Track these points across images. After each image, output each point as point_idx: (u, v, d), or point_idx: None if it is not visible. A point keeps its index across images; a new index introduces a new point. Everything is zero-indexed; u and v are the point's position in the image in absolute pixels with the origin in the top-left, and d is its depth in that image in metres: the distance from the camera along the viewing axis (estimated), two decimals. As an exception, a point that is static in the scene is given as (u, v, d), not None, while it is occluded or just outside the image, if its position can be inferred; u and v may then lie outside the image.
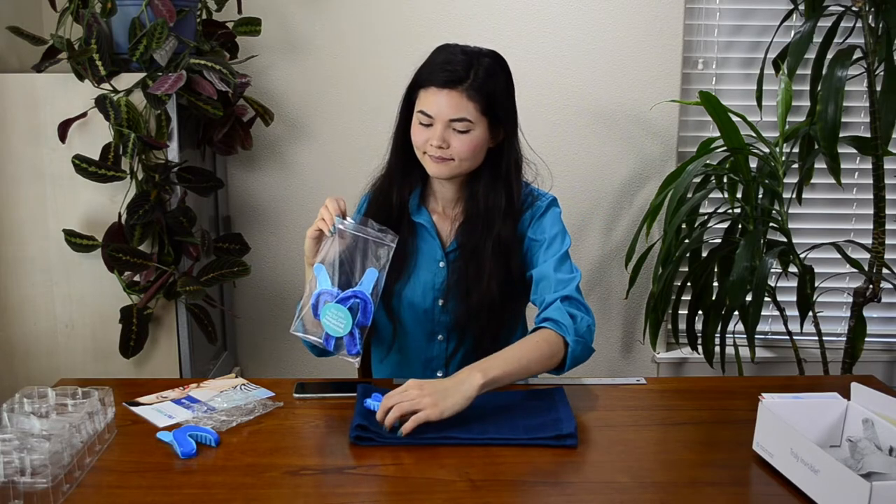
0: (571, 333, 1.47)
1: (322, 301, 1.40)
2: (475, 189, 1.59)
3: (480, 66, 1.51)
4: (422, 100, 1.52)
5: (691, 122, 2.64)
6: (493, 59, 1.55)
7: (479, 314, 1.58)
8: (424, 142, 1.52)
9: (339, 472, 1.24)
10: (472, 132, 1.51)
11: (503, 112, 1.55)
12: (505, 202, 1.58)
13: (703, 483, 1.22)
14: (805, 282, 2.34)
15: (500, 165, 1.58)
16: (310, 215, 2.56)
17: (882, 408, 1.23)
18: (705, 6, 2.57)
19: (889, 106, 2.11)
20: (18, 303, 2.01)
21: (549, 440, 1.32)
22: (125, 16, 1.93)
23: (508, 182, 1.59)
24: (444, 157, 1.52)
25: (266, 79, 2.50)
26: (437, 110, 1.49)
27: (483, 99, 1.50)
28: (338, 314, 1.38)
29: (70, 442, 1.20)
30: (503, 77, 1.55)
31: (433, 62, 1.53)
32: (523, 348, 1.45)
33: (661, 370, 2.77)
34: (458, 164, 1.53)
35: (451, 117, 1.49)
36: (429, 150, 1.52)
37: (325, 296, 1.40)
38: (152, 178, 1.93)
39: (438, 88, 1.49)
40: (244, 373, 2.67)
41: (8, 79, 1.94)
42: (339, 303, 1.38)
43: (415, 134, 1.55)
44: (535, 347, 1.45)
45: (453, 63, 1.50)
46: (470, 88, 1.49)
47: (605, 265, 2.69)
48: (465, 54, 1.52)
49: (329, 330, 1.39)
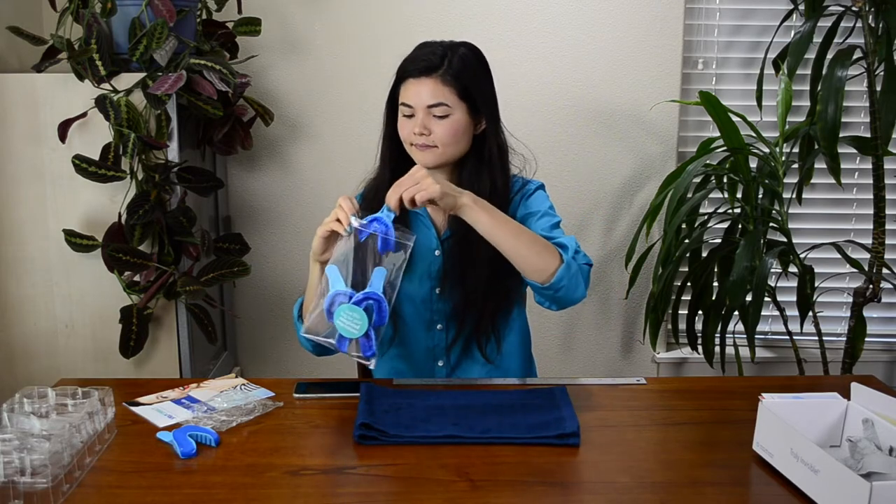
0: (569, 254, 1.47)
1: (337, 302, 1.37)
2: (461, 176, 1.62)
3: (455, 54, 1.57)
4: (402, 93, 1.58)
5: (691, 122, 2.64)
6: (468, 48, 1.60)
7: (475, 299, 1.60)
8: (409, 132, 1.56)
9: (339, 472, 1.24)
10: (452, 116, 1.55)
11: (481, 98, 1.59)
12: (490, 188, 1.60)
13: (703, 483, 1.22)
14: (805, 282, 2.34)
15: (483, 152, 1.61)
16: (310, 215, 2.60)
17: (882, 408, 1.23)
18: (705, 6, 2.57)
19: (889, 106, 2.11)
20: (18, 303, 2.01)
21: (552, 439, 1.32)
22: (125, 16, 1.93)
23: (492, 168, 1.62)
24: (427, 143, 1.55)
25: (266, 79, 2.50)
26: (416, 99, 1.54)
27: (458, 83, 1.54)
28: (353, 315, 1.35)
29: (70, 442, 1.20)
30: (478, 63, 1.60)
31: (409, 57, 1.59)
32: (520, 225, 1.48)
33: (661, 370, 2.77)
34: (441, 150, 1.56)
35: (429, 103, 1.54)
36: (413, 140, 1.56)
37: (340, 297, 1.37)
38: (152, 178, 1.93)
39: (416, 78, 1.55)
40: (244, 373, 2.67)
41: (8, 79, 1.94)
42: (354, 304, 1.36)
43: (401, 128, 1.59)
44: (532, 234, 1.47)
45: (427, 54, 1.56)
46: (445, 74, 1.54)
47: (605, 265, 2.69)
48: (440, 46, 1.58)
49: (343, 332, 1.36)
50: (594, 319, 2.72)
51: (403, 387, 1.55)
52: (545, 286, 1.45)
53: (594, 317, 2.72)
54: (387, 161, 1.66)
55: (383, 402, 1.43)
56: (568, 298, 1.48)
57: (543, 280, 1.45)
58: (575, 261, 1.48)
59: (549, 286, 1.45)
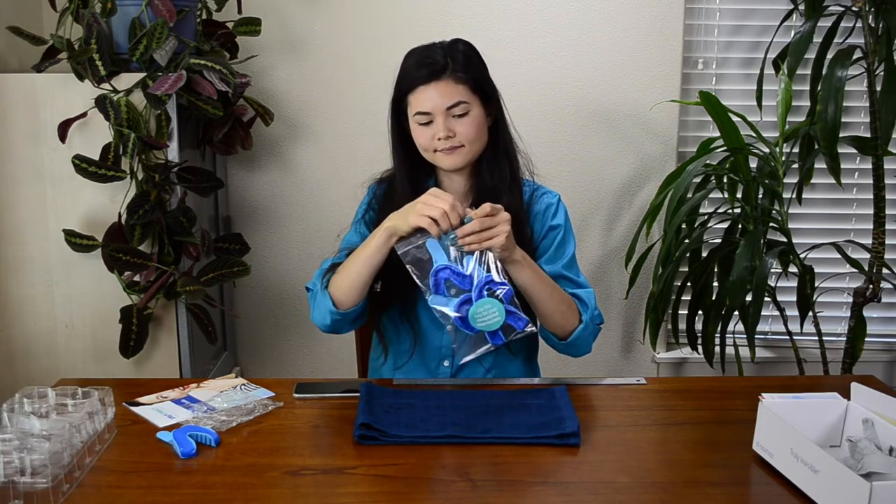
0: (588, 314, 1.57)
1: (441, 280, 1.36)
2: (481, 170, 1.62)
3: (456, 51, 1.56)
4: (413, 104, 1.55)
5: (691, 122, 2.64)
6: (463, 43, 1.60)
7: None
8: (430, 139, 1.54)
9: (339, 472, 1.24)
10: (471, 113, 1.55)
11: (489, 87, 1.60)
12: (509, 172, 1.62)
13: (703, 483, 1.22)
14: (805, 282, 2.34)
15: (497, 140, 1.62)
16: (310, 215, 2.60)
17: (882, 408, 1.23)
18: (705, 6, 2.57)
19: (889, 106, 2.11)
20: (18, 303, 2.01)
21: (553, 439, 1.32)
22: (125, 16, 1.93)
23: (508, 153, 1.63)
24: (454, 146, 1.55)
25: (266, 79, 2.50)
26: (431, 105, 1.53)
27: (470, 78, 1.55)
28: (483, 310, 1.34)
29: (70, 442, 1.20)
30: (477, 56, 1.61)
31: (408, 67, 1.57)
32: (554, 284, 1.54)
33: (661, 370, 2.77)
34: (468, 148, 1.56)
35: (448, 104, 1.53)
36: (437, 146, 1.55)
37: (446, 273, 1.36)
38: (152, 178, 1.93)
39: (426, 84, 1.53)
40: (244, 373, 2.67)
41: (8, 79, 1.94)
42: (476, 300, 1.34)
43: (418, 137, 1.57)
44: (561, 293, 1.55)
45: (429, 57, 1.55)
46: (455, 72, 1.53)
47: (605, 265, 2.69)
48: (437, 47, 1.57)
49: (488, 328, 1.35)
50: (594, 319, 2.72)
51: (403, 387, 1.55)
52: (560, 341, 1.56)
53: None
54: (404, 173, 1.63)
55: (383, 402, 1.43)
56: (575, 354, 1.60)
57: (561, 336, 1.56)
58: (592, 321, 1.57)
59: (565, 342, 1.57)
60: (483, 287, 1.35)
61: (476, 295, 1.35)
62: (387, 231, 1.47)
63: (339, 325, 1.58)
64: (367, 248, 1.49)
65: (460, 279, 1.37)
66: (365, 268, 1.50)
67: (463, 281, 1.36)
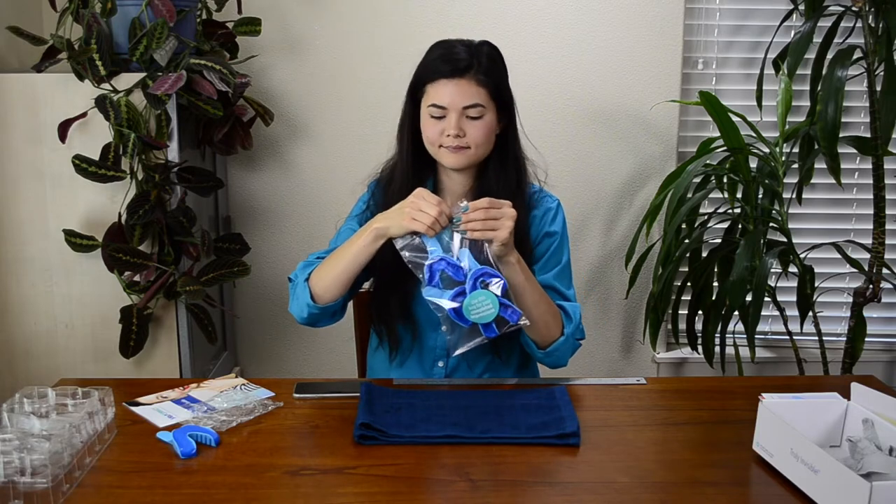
0: (570, 328, 1.57)
1: (436, 272, 1.36)
2: (486, 174, 1.62)
3: (482, 53, 1.55)
4: (430, 94, 1.54)
5: (691, 122, 2.64)
6: (490, 46, 1.60)
7: None
8: (439, 134, 1.54)
9: (339, 472, 1.24)
10: (485, 117, 1.54)
11: (507, 96, 1.59)
12: (515, 181, 1.62)
13: (703, 483, 1.22)
14: (805, 282, 2.34)
15: (507, 149, 1.62)
16: (310, 215, 2.60)
17: (882, 408, 1.23)
18: (705, 6, 2.57)
19: (889, 106, 2.11)
20: (18, 303, 2.01)
21: (552, 439, 1.32)
22: (125, 16, 1.93)
23: (516, 161, 1.63)
24: (460, 145, 1.54)
25: (266, 79, 2.50)
26: (449, 100, 1.52)
27: (491, 83, 1.54)
28: (476, 302, 1.33)
29: (70, 442, 1.20)
30: (502, 63, 1.60)
31: (434, 57, 1.56)
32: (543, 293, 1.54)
33: (661, 370, 2.77)
34: (474, 151, 1.55)
35: (465, 104, 1.52)
36: (444, 142, 1.54)
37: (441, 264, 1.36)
38: (152, 178, 1.93)
39: (447, 79, 1.52)
40: (244, 373, 2.67)
41: (8, 79, 1.94)
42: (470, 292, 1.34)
43: (427, 129, 1.56)
44: (549, 302, 1.55)
45: (455, 54, 1.54)
46: (478, 74, 1.53)
47: (605, 265, 2.69)
48: (463, 45, 1.56)
49: (482, 320, 1.34)
50: (594, 319, 2.71)
51: (403, 387, 1.55)
52: (538, 349, 1.57)
53: (594, 317, 2.71)
54: (406, 163, 1.62)
55: (383, 402, 1.44)
56: (551, 364, 1.61)
57: (541, 346, 1.57)
58: (573, 336, 1.58)
59: (543, 351, 1.57)
60: (478, 278, 1.35)
61: (470, 286, 1.34)
62: (374, 232, 1.46)
63: (315, 319, 1.58)
64: (353, 246, 1.49)
65: (455, 271, 1.36)
66: (349, 265, 1.50)
67: (458, 273, 1.36)
